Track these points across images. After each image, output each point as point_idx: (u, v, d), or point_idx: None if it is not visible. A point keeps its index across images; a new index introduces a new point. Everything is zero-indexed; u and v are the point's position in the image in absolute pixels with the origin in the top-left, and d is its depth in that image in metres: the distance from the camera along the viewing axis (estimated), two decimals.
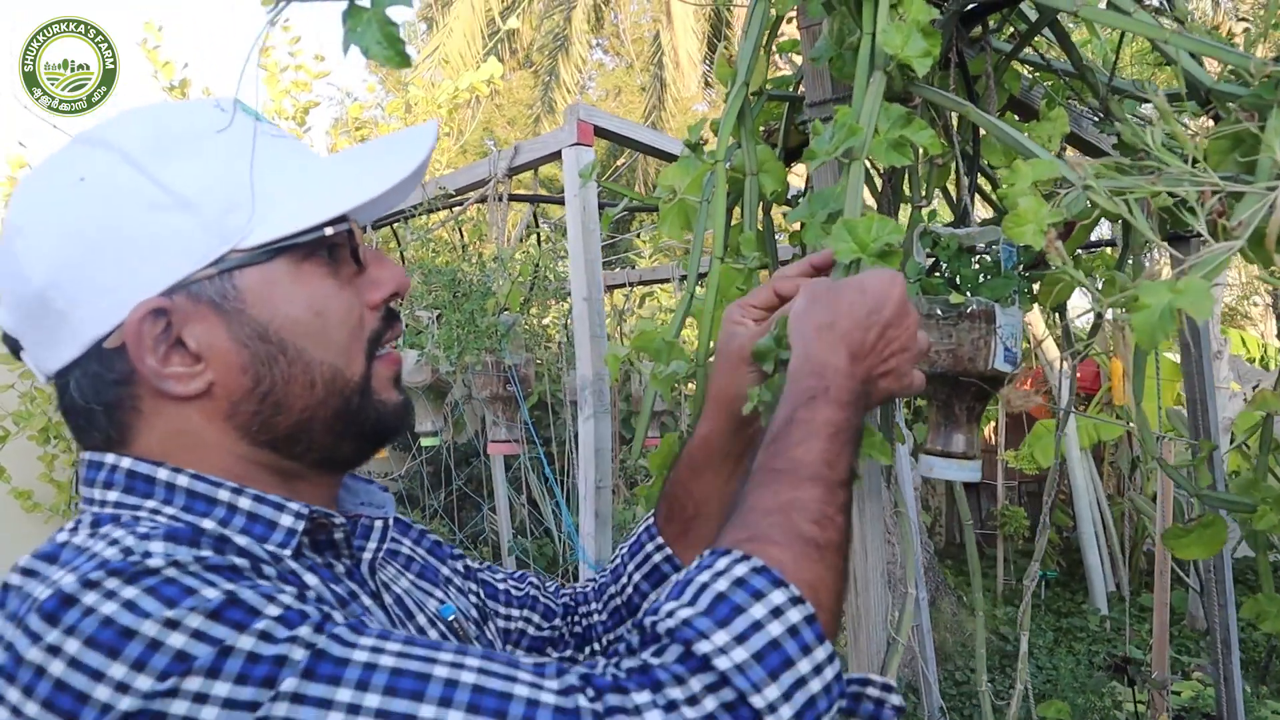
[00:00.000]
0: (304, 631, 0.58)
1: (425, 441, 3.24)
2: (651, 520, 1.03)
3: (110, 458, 0.70)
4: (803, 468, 0.71)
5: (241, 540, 0.66)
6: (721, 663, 0.58)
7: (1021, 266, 1.19)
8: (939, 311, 1.17)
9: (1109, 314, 0.87)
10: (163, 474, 0.69)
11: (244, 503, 0.70)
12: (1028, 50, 1.39)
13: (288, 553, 0.70)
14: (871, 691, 0.70)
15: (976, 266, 1.18)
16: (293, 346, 0.71)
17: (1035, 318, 4.58)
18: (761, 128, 1.48)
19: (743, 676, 0.58)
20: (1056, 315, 1.91)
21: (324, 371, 0.73)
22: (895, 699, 0.70)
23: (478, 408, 3.30)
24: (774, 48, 1.44)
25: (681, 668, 0.59)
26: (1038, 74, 1.56)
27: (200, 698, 0.54)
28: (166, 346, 0.69)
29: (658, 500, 1.03)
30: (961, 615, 5.47)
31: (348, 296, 0.75)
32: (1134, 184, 0.83)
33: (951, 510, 7.17)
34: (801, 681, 0.60)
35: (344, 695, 0.55)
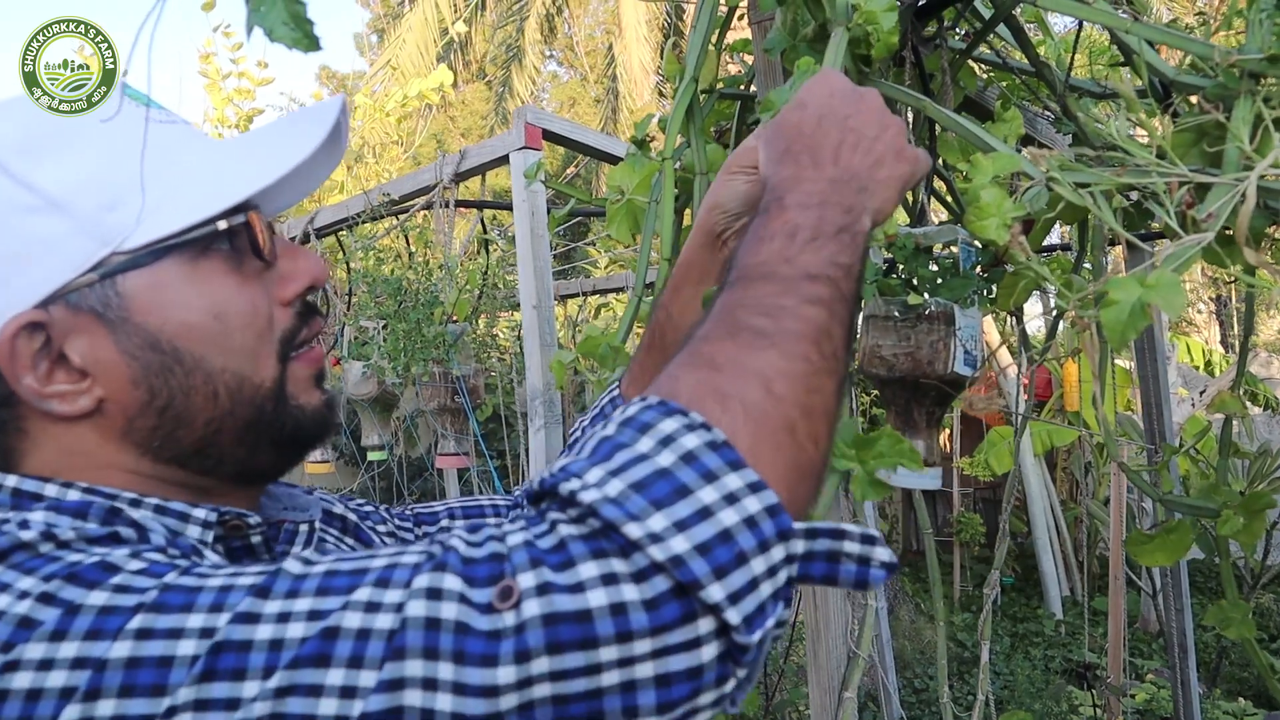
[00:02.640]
0: (170, 577, 0.52)
1: (372, 455, 3.14)
2: (617, 389, 0.96)
3: None
4: (751, 270, 0.60)
5: (136, 514, 0.60)
6: (587, 495, 0.49)
7: (980, 267, 1.16)
8: (896, 313, 1.13)
9: (1070, 314, 0.84)
10: (51, 489, 0.62)
11: (143, 514, 0.63)
12: (984, 50, 1.37)
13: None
14: (850, 548, 0.52)
15: (934, 267, 1.15)
16: (189, 355, 0.65)
17: (988, 323, 4.61)
18: (713, 128, 1.44)
19: (613, 507, 0.48)
20: (1012, 320, 1.89)
21: (228, 380, 0.66)
22: (883, 553, 0.53)
23: (432, 420, 3.22)
24: (725, 46, 1.40)
25: (553, 511, 0.51)
26: (992, 74, 1.54)
27: (45, 664, 0.48)
28: (48, 363, 0.62)
29: (644, 337, 0.95)
30: (919, 623, 5.47)
31: (252, 294, 0.68)
32: (1098, 177, 0.79)
33: (908, 517, 7.19)
34: (706, 512, 0.48)
35: (196, 621, 0.49)
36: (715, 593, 0.47)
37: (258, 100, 4.91)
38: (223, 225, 0.65)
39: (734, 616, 0.47)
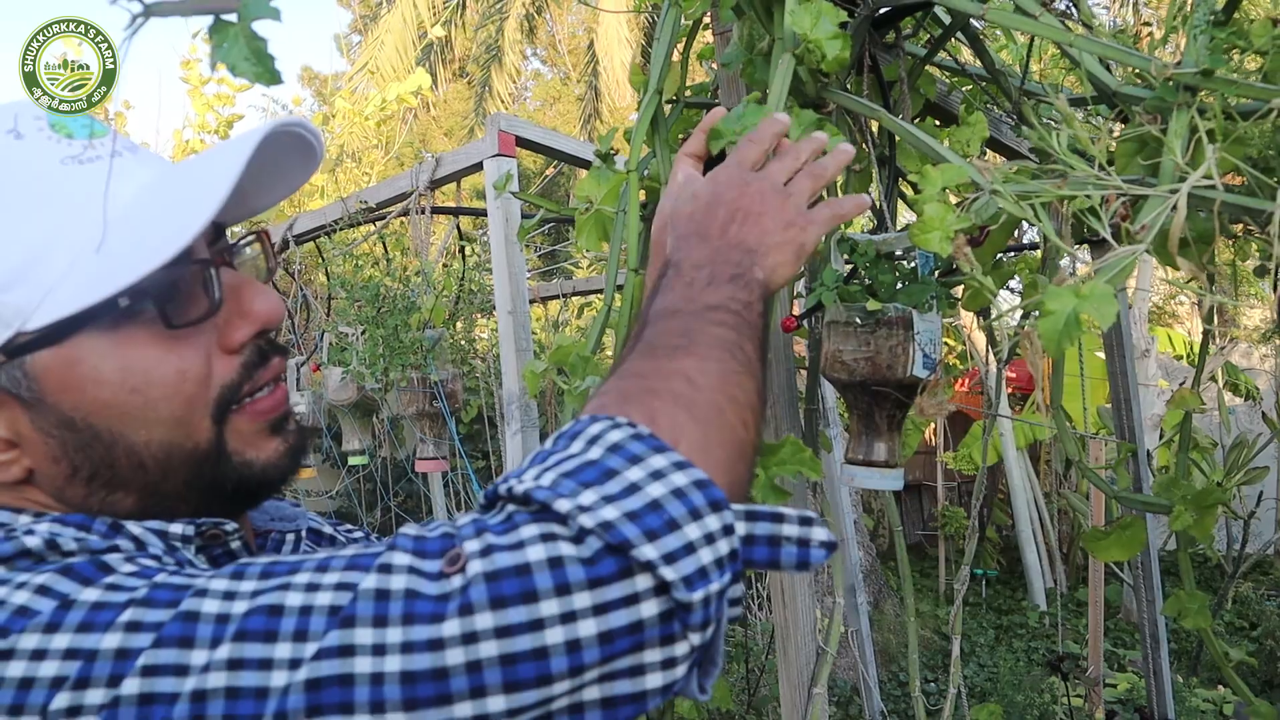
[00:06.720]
0: (160, 577, 0.53)
1: (353, 460, 3.15)
2: None
3: None
4: (658, 313, 0.67)
5: (136, 529, 0.61)
6: (521, 486, 0.53)
7: (939, 272, 1.18)
8: (857, 319, 1.16)
9: (1014, 319, 0.87)
10: (24, 520, 0.62)
11: (141, 530, 0.63)
12: (943, 55, 1.39)
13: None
14: (789, 530, 0.55)
15: (894, 273, 1.17)
16: (107, 431, 0.62)
17: (970, 318, 4.64)
18: (680, 136, 1.47)
19: (545, 490, 0.52)
20: (981, 318, 1.92)
21: (154, 451, 0.63)
22: (820, 533, 0.55)
23: (410, 425, 3.24)
24: (694, 53, 1.42)
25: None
26: (956, 79, 1.56)
27: (38, 654, 0.50)
28: None
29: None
30: (904, 617, 5.51)
31: (179, 358, 0.63)
32: (1039, 188, 0.82)
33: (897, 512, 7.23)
34: (633, 488, 0.51)
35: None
36: (648, 551, 0.49)
37: (238, 105, 4.91)
38: (125, 303, 0.60)
39: (669, 573, 0.49)
